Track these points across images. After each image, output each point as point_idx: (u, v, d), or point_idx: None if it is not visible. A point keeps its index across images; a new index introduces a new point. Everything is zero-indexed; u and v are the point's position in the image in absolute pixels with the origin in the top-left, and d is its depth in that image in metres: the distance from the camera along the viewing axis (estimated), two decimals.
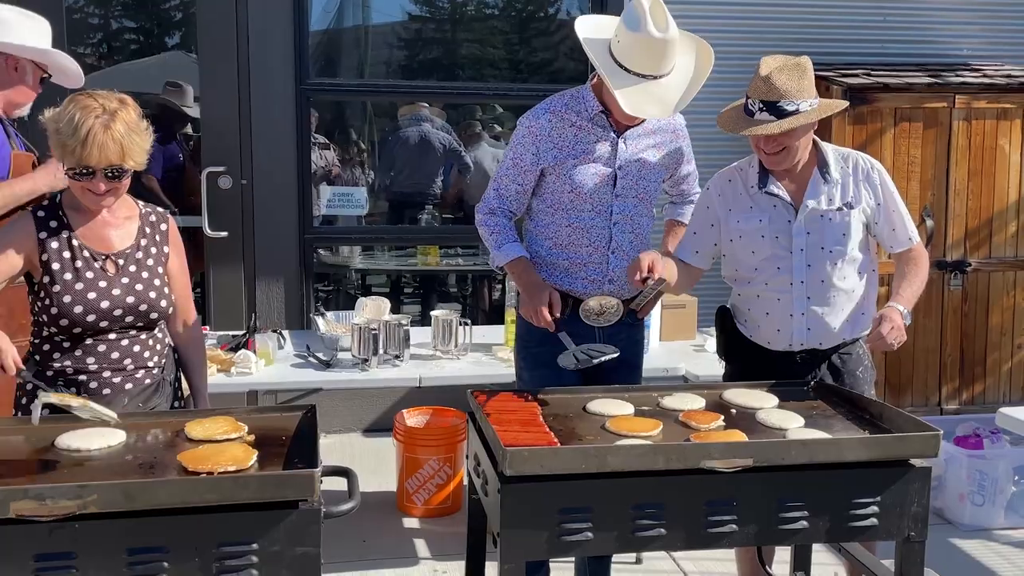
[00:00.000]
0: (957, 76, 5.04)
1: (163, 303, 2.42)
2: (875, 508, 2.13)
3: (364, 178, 6.60)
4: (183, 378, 2.61)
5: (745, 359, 2.88)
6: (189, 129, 6.22)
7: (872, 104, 4.79)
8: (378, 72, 6.02)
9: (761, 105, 2.61)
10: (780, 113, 2.59)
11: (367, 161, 6.83)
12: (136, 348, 2.41)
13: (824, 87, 4.86)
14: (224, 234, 4.85)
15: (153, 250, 2.45)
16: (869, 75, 4.95)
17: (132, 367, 2.41)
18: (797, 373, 2.78)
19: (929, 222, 4.88)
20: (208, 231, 4.82)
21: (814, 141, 2.77)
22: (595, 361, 2.61)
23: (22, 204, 2.81)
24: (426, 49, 6.00)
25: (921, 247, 2.82)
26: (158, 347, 2.48)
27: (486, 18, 5.88)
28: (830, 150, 2.78)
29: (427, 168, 6.41)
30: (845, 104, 2.88)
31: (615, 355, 2.64)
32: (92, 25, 8.21)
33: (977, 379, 5.05)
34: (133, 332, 2.40)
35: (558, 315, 2.71)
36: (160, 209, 2.53)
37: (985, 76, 5.08)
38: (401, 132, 6.54)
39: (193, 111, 5.72)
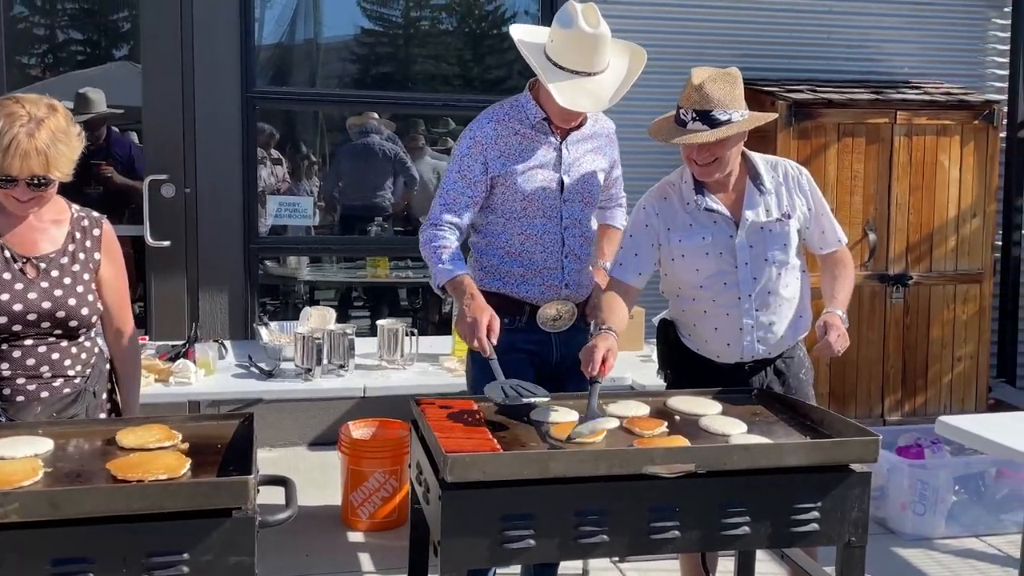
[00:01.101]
0: (898, 93, 5.15)
1: (84, 311, 2.33)
2: (816, 513, 2.13)
3: (312, 188, 6.55)
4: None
5: (691, 372, 2.86)
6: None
7: (816, 119, 4.86)
8: (330, 85, 5.99)
9: (694, 114, 2.61)
10: (712, 122, 2.59)
11: (317, 172, 6.77)
12: (55, 356, 2.32)
13: (770, 102, 4.93)
14: (166, 243, 4.76)
15: (82, 256, 2.36)
16: (814, 91, 5.03)
17: (49, 375, 2.32)
18: (744, 381, 2.79)
19: (872, 236, 4.96)
20: (150, 240, 4.73)
21: (743, 152, 2.77)
22: (523, 400, 2.42)
23: None
24: (379, 63, 5.99)
25: (847, 251, 2.88)
26: (83, 356, 2.38)
27: (440, 33, 5.88)
28: (759, 160, 2.80)
29: (375, 179, 6.38)
30: (774, 116, 2.91)
31: (545, 400, 2.45)
32: (37, 35, 8.05)
33: (919, 390, 5.14)
34: (52, 339, 2.31)
35: (495, 342, 2.58)
36: (95, 214, 2.45)
37: (925, 93, 5.19)
38: (350, 143, 6.51)
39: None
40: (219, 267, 4.87)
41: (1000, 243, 5.63)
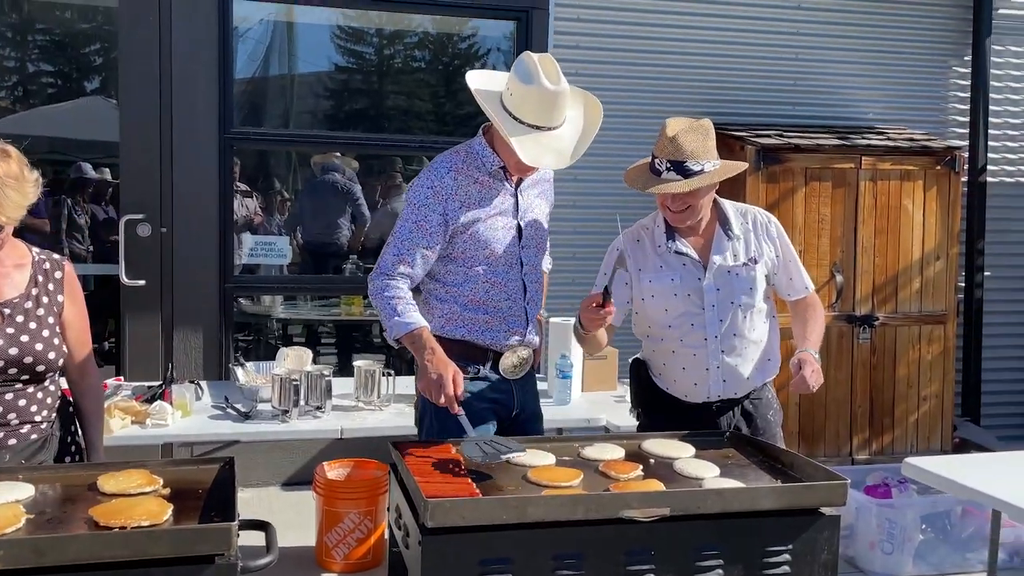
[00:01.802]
0: (863, 138, 5.29)
1: (51, 355, 2.33)
2: (787, 556, 2.18)
3: (287, 227, 6.58)
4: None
5: (661, 411, 2.93)
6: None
7: (784, 164, 4.99)
8: (303, 121, 6.03)
9: (668, 164, 2.70)
10: (686, 172, 2.69)
11: (291, 210, 6.80)
12: (22, 402, 2.31)
13: (739, 146, 5.05)
14: (142, 283, 4.76)
15: (45, 299, 2.36)
16: (781, 136, 5.16)
17: (17, 422, 2.31)
18: (712, 421, 2.86)
19: (839, 278, 5.07)
20: (125, 280, 4.73)
21: (715, 199, 2.87)
22: (502, 457, 2.39)
23: None
24: (352, 100, 6.04)
25: (816, 297, 2.96)
26: (48, 400, 2.38)
27: (412, 71, 5.96)
28: (729, 207, 2.89)
29: (332, 216, 6.42)
30: (745, 165, 2.97)
31: (521, 452, 2.44)
32: (8, 68, 8.05)
33: (886, 430, 5.23)
34: (19, 385, 2.31)
35: (460, 394, 2.55)
36: (56, 256, 2.45)
37: (889, 139, 5.34)
38: (313, 181, 6.56)
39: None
40: (194, 307, 4.88)
41: (963, 285, 5.77)
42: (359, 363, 3.86)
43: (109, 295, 5.29)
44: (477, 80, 2.76)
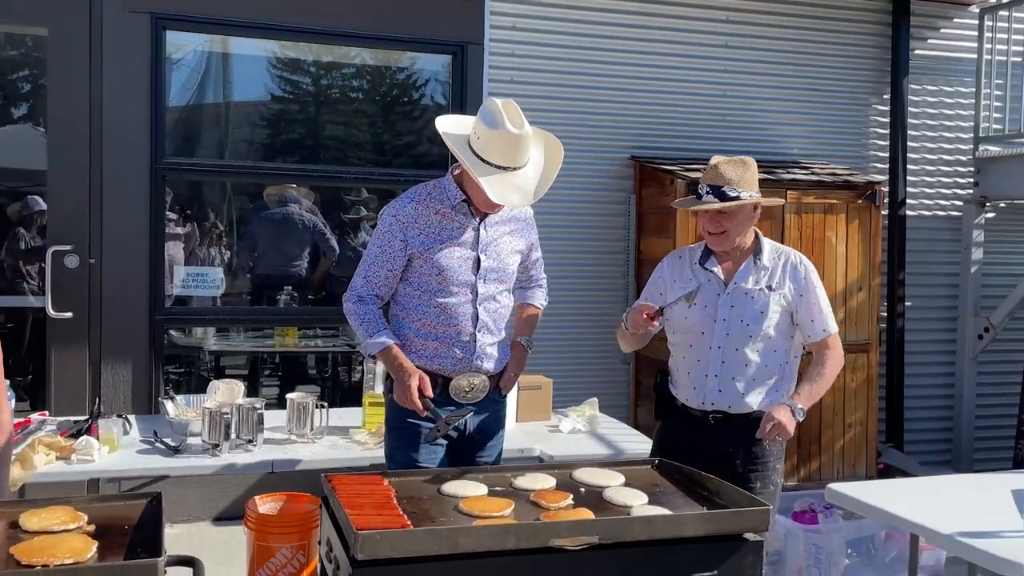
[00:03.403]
0: (788, 173, 5.46)
1: None
2: None
3: (221, 258, 6.50)
4: None
5: (672, 418, 3.21)
6: None
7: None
8: (239, 150, 5.97)
9: (708, 188, 3.02)
10: (723, 197, 2.99)
11: (225, 240, 6.73)
12: None
13: (669, 180, 5.17)
14: (69, 315, 4.67)
15: None
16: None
17: None
18: (709, 436, 3.06)
19: None
20: (51, 312, 4.63)
21: (756, 234, 3.15)
22: (456, 421, 2.87)
23: None
24: (289, 129, 6.01)
25: (834, 340, 3.11)
26: None
27: (350, 101, 5.97)
28: (767, 243, 3.16)
29: (290, 249, 6.38)
30: (781, 201, 3.28)
31: (471, 411, 2.95)
32: None
33: (813, 456, 5.35)
34: None
35: (429, 394, 2.86)
36: None
37: (813, 174, 5.51)
38: (266, 212, 6.51)
39: None
40: (123, 339, 4.79)
41: (885, 315, 5.96)
42: (291, 396, 3.84)
43: (33, 327, 5.16)
44: (445, 124, 2.96)
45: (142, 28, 4.79)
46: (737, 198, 2.99)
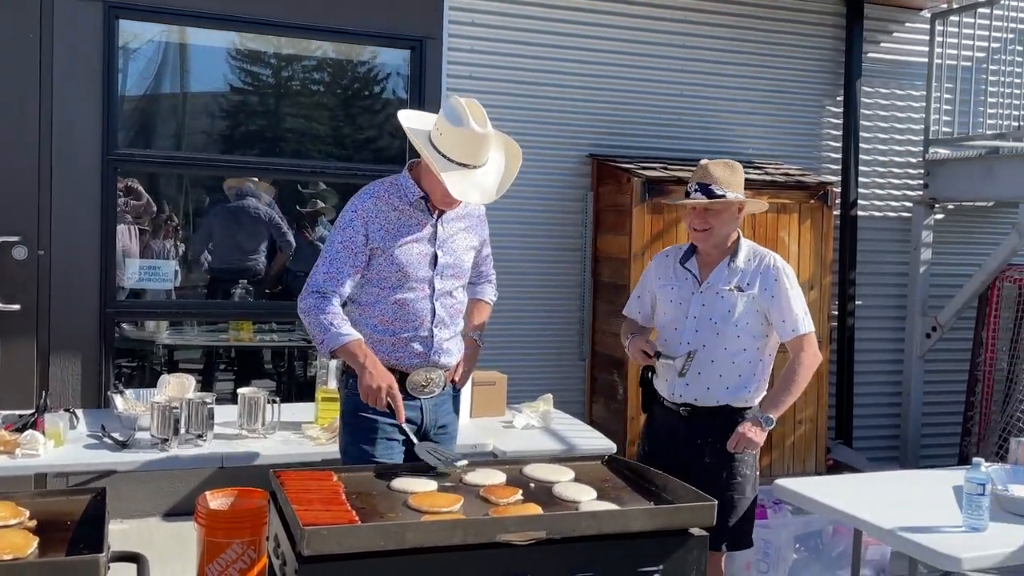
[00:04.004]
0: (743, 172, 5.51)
1: None
2: (659, 575, 2.26)
3: (176, 250, 6.43)
4: None
5: (653, 411, 3.42)
6: None
7: (668, 196, 5.15)
8: (196, 142, 5.89)
9: (697, 186, 3.22)
10: (710, 194, 3.19)
11: (180, 233, 6.65)
12: None
13: (626, 178, 5.20)
14: (16, 307, 4.59)
15: None
16: (666, 169, 5.33)
17: None
18: (680, 427, 3.25)
19: None
20: None
21: (738, 237, 3.30)
22: (456, 466, 2.68)
23: None
24: (247, 121, 5.94)
25: (805, 341, 3.24)
26: None
27: (310, 93, 5.92)
28: (745, 244, 3.31)
29: (246, 243, 6.33)
30: (765, 206, 3.46)
31: (465, 463, 2.72)
32: None
33: (764, 452, 5.36)
34: None
35: (399, 407, 2.79)
36: None
37: (767, 174, 5.58)
38: (223, 205, 6.44)
39: None
40: (72, 332, 4.71)
41: (836, 313, 6.06)
42: (243, 391, 3.81)
43: None
44: (408, 119, 2.96)
45: (95, 17, 4.71)
46: (723, 196, 3.17)
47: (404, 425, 2.82)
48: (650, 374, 3.41)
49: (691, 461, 3.18)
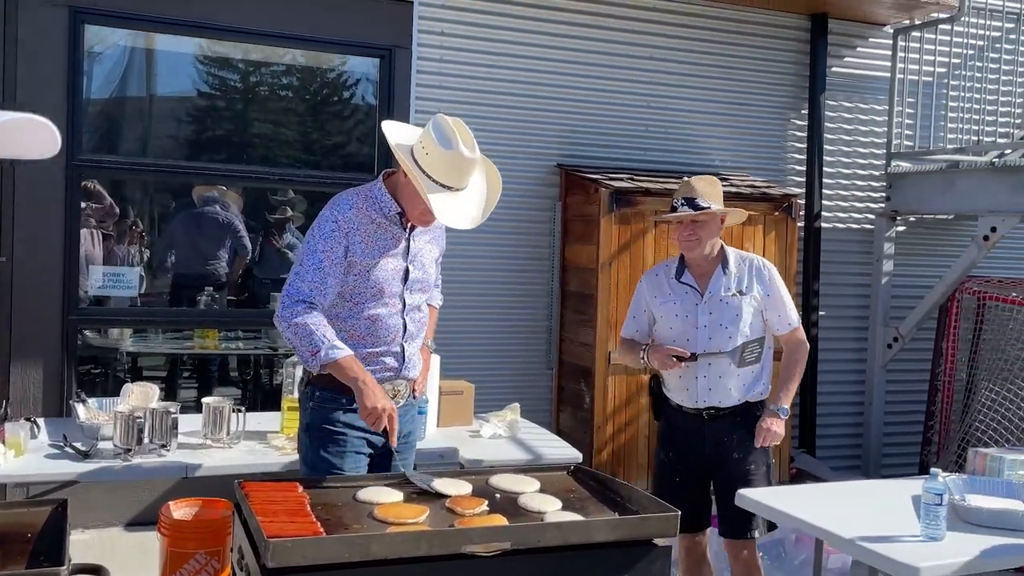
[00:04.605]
0: None
1: None
2: None
3: (140, 257, 6.37)
4: None
5: (669, 417, 3.65)
6: None
7: (635, 206, 5.20)
8: (162, 147, 5.84)
9: (683, 201, 3.46)
10: (695, 207, 3.43)
11: (144, 239, 6.59)
12: None
13: (593, 188, 5.24)
14: None
15: None
16: (633, 179, 5.38)
17: None
18: (705, 429, 3.52)
19: None
20: None
21: (722, 246, 3.54)
22: (432, 485, 2.61)
23: None
24: (215, 126, 5.90)
25: (798, 332, 3.57)
26: None
27: (279, 99, 5.89)
28: (731, 252, 3.56)
29: (208, 248, 6.29)
30: (746, 215, 3.64)
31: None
32: None
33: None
34: None
35: (396, 429, 2.76)
36: None
37: (732, 185, 5.63)
38: (187, 211, 6.39)
39: None
40: (34, 340, 4.66)
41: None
42: (207, 400, 3.79)
43: None
44: (393, 134, 2.89)
45: (60, 22, 4.67)
46: (708, 208, 3.41)
47: (395, 451, 2.82)
48: (660, 382, 3.64)
49: (719, 458, 3.52)
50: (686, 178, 3.56)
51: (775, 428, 3.44)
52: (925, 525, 2.79)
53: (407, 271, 2.97)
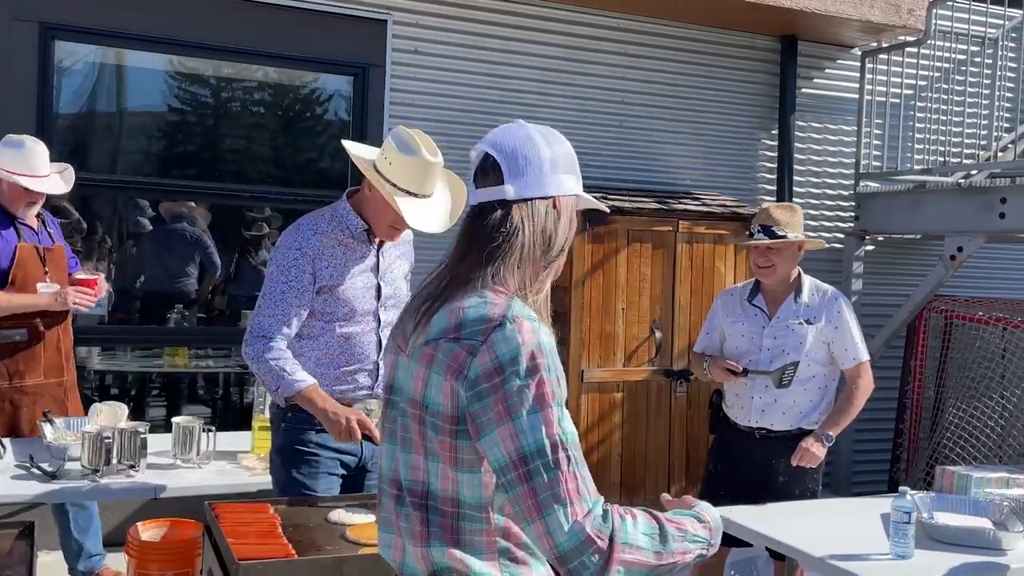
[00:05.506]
0: (680, 203, 5.62)
1: None
2: None
3: (109, 273, 6.31)
4: None
5: (723, 432, 3.79)
6: None
7: (609, 225, 5.23)
8: (133, 163, 5.81)
9: (759, 228, 3.57)
10: (771, 235, 3.53)
11: (113, 256, 6.53)
12: None
13: None
14: None
15: None
16: (606, 198, 5.40)
17: None
18: (756, 448, 3.65)
19: (658, 334, 5.33)
20: None
21: (799, 274, 3.65)
22: None
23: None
24: (186, 142, 5.87)
25: (863, 368, 3.63)
26: None
27: (251, 115, 5.88)
28: (807, 280, 3.67)
29: (176, 266, 6.25)
30: (823, 243, 3.76)
31: None
32: None
33: (701, 479, 5.48)
34: None
35: (371, 430, 2.76)
36: None
37: (704, 204, 5.69)
38: (158, 227, 6.35)
39: None
40: None
41: None
42: (177, 419, 3.74)
43: None
44: (355, 148, 2.91)
45: (29, 37, 4.64)
46: (784, 237, 3.50)
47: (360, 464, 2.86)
48: (721, 398, 3.80)
49: (764, 479, 3.62)
50: (765, 204, 3.65)
51: (814, 450, 3.51)
52: (894, 543, 2.82)
53: (379, 288, 2.97)
